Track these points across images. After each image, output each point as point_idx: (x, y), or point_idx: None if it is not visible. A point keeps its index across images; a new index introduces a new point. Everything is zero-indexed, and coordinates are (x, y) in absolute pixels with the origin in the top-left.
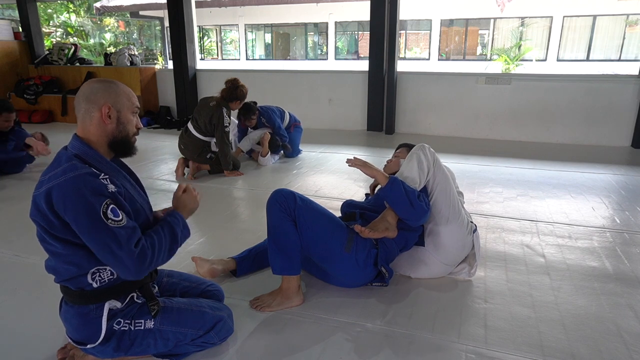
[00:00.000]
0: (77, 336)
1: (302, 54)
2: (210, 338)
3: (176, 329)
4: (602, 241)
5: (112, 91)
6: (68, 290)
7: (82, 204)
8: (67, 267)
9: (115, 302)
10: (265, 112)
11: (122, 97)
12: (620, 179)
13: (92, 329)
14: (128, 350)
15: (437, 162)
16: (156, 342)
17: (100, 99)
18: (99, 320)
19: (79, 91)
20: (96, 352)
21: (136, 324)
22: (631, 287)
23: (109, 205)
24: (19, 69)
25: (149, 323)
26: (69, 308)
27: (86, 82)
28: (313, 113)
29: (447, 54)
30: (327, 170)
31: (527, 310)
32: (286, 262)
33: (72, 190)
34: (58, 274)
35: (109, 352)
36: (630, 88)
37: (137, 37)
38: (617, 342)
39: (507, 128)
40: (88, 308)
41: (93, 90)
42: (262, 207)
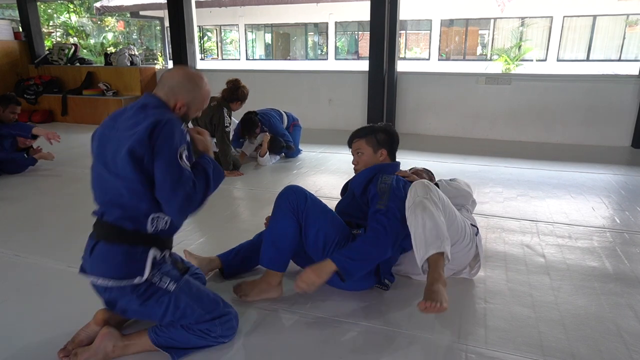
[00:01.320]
0: (118, 272)
1: (302, 54)
2: (213, 327)
3: (190, 303)
4: (602, 241)
5: (193, 93)
6: (121, 229)
7: (173, 140)
8: (138, 203)
9: (157, 251)
10: (265, 119)
11: (198, 99)
12: (620, 179)
13: (137, 267)
14: (146, 301)
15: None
16: (169, 305)
17: (180, 95)
18: (143, 262)
19: (174, 70)
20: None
21: (162, 280)
22: (631, 287)
23: (185, 150)
24: (19, 69)
25: (171, 285)
26: (112, 247)
27: (182, 70)
28: (313, 113)
29: (447, 54)
30: (327, 170)
31: (527, 310)
32: (276, 258)
33: (174, 125)
34: (124, 209)
35: (134, 299)
36: (630, 88)
37: (137, 37)
38: (617, 342)
39: (507, 128)
40: (136, 249)
41: (180, 84)
42: (263, 207)
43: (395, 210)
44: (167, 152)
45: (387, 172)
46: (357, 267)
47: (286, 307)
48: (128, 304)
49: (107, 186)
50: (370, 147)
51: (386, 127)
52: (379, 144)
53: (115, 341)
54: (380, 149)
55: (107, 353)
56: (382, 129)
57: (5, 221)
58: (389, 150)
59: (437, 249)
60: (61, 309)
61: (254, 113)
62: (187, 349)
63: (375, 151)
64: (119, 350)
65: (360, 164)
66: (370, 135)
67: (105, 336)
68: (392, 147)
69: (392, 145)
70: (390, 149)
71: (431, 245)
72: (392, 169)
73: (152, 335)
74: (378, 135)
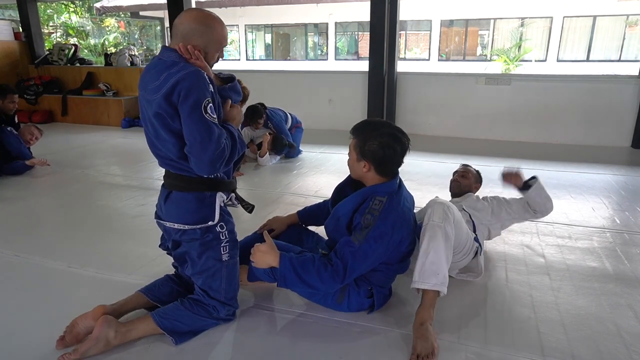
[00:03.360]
0: (193, 218)
1: (302, 55)
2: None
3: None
4: (602, 241)
5: (207, 35)
6: (189, 178)
7: (194, 96)
8: (186, 160)
9: (223, 195)
10: (273, 117)
11: (213, 42)
12: (620, 180)
13: (209, 211)
14: (205, 252)
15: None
16: (215, 271)
17: (195, 40)
18: (213, 205)
19: (182, 16)
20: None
21: (222, 241)
22: (631, 287)
23: (209, 102)
24: (19, 69)
25: (225, 255)
26: (183, 195)
27: (190, 13)
28: (313, 113)
29: (447, 55)
30: (327, 170)
31: (527, 311)
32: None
33: (196, 78)
34: (179, 164)
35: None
36: (630, 88)
37: (137, 38)
38: (617, 343)
39: (506, 128)
40: (204, 195)
41: (191, 29)
42: (262, 207)
43: (368, 252)
44: (189, 110)
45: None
46: (294, 283)
47: (286, 307)
48: (190, 248)
49: (156, 145)
50: (355, 153)
51: (386, 139)
52: (362, 154)
53: (117, 327)
54: (364, 160)
55: (108, 340)
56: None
57: (6, 221)
58: (376, 168)
59: (431, 287)
60: (61, 309)
61: (264, 106)
62: (188, 333)
63: (358, 160)
64: (121, 335)
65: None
66: (359, 139)
67: (105, 323)
68: (382, 164)
69: (381, 162)
70: (377, 166)
71: (427, 280)
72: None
73: (156, 318)
74: (368, 144)
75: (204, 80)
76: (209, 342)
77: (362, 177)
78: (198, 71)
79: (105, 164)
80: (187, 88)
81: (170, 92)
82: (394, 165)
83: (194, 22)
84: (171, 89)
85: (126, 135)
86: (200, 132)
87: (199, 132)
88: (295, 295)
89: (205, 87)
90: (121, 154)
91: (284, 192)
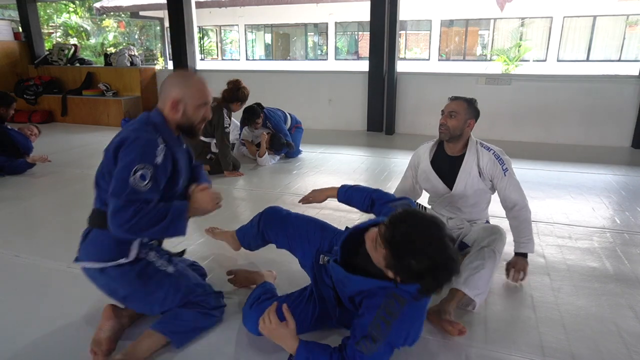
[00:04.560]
0: (106, 255)
1: (302, 55)
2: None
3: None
4: (603, 242)
5: (186, 88)
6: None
7: (131, 155)
8: None
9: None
10: (272, 117)
11: (191, 92)
12: (620, 180)
13: (124, 249)
14: (147, 281)
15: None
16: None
17: (170, 93)
18: (130, 244)
19: (167, 77)
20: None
21: (161, 262)
22: (631, 287)
23: (144, 169)
24: (19, 69)
25: (170, 268)
26: (102, 232)
27: (173, 73)
28: (313, 113)
29: (447, 55)
30: (327, 170)
31: (527, 311)
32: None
33: (138, 144)
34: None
35: (133, 277)
36: (631, 88)
37: (137, 38)
38: (618, 343)
39: (507, 128)
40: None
41: (171, 83)
42: (262, 207)
43: (382, 357)
44: (121, 165)
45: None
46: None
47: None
48: (128, 286)
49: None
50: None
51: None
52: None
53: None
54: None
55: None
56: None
57: (5, 221)
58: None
59: (472, 295)
60: (61, 309)
61: (260, 106)
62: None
63: (387, 266)
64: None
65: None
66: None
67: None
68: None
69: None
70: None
71: (472, 288)
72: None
73: (156, 326)
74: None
75: (147, 147)
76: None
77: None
78: (151, 140)
79: None
80: (130, 149)
81: (117, 148)
82: (430, 291)
83: (172, 77)
84: (118, 146)
85: None
86: (116, 187)
87: (115, 186)
88: None
89: (149, 156)
90: None
91: (283, 192)
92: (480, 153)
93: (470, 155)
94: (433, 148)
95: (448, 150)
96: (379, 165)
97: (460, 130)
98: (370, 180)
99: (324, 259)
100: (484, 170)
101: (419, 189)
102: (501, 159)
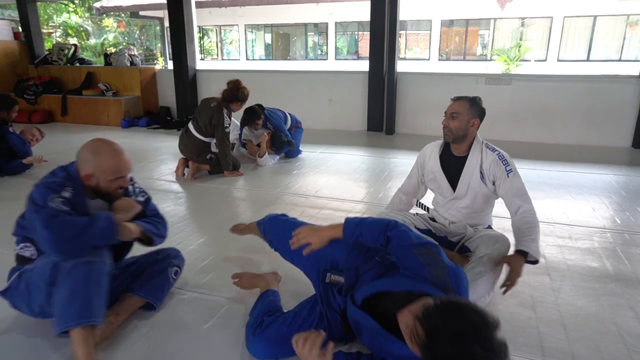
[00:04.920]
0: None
1: (302, 54)
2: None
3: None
4: (603, 242)
5: (96, 164)
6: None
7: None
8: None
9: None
10: (272, 117)
11: (101, 170)
12: (620, 180)
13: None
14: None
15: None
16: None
17: (85, 167)
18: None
19: (82, 147)
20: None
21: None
22: (632, 287)
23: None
24: (19, 69)
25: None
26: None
27: (88, 144)
28: (313, 113)
29: (447, 55)
30: (327, 170)
31: (527, 311)
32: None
33: (42, 181)
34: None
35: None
36: (631, 88)
37: (137, 38)
38: (618, 343)
39: (507, 128)
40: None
41: (85, 157)
42: (262, 207)
43: None
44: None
45: None
46: None
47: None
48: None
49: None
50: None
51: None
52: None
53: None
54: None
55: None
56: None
57: (5, 221)
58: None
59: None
60: None
61: (261, 107)
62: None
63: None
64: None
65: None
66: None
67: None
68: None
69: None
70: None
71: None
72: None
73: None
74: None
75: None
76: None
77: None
78: (56, 182)
79: None
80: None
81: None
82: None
83: (85, 149)
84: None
85: (126, 135)
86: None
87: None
88: (297, 295)
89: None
90: None
91: (283, 192)
92: (485, 154)
93: (474, 157)
94: (440, 148)
95: (454, 150)
96: (379, 165)
97: (463, 131)
98: (370, 180)
99: (330, 278)
100: (486, 173)
101: (424, 189)
102: (505, 160)
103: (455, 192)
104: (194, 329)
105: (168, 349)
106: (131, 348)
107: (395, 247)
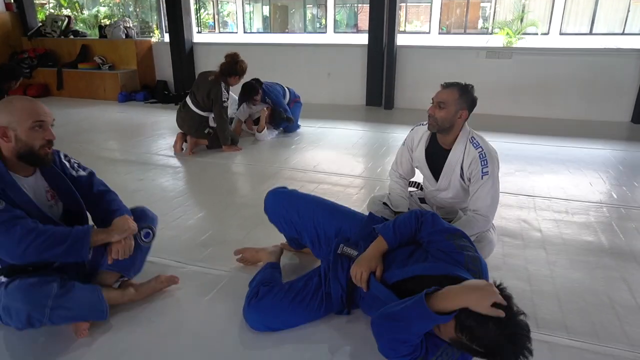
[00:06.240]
0: None
1: (300, 27)
2: None
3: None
4: (599, 216)
5: (9, 110)
6: None
7: None
8: None
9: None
10: (271, 92)
11: (16, 116)
12: (618, 155)
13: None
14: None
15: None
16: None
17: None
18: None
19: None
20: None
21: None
22: (626, 261)
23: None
24: (12, 41)
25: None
26: None
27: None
28: (312, 88)
29: (448, 28)
30: (326, 145)
31: (522, 284)
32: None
33: None
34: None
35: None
36: (633, 62)
37: (132, 10)
38: (610, 315)
39: (507, 103)
40: None
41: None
42: (261, 182)
43: None
44: None
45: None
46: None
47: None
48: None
49: None
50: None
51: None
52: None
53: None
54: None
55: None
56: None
57: None
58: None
59: None
60: None
61: (259, 81)
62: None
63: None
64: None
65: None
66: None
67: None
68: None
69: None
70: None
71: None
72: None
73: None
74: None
75: None
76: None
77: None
78: None
79: (103, 138)
80: None
81: None
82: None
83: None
84: None
85: (123, 110)
86: None
87: None
88: (295, 271)
89: None
90: (118, 129)
91: (282, 167)
92: (467, 151)
93: (456, 153)
94: (428, 137)
95: (440, 140)
96: (377, 140)
97: (449, 123)
98: (368, 155)
99: (343, 249)
100: (465, 170)
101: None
102: (485, 160)
103: (437, 185)
104: (195, 302)
105: (169, 321)
106: (132, 320)
107: (430, 232)
